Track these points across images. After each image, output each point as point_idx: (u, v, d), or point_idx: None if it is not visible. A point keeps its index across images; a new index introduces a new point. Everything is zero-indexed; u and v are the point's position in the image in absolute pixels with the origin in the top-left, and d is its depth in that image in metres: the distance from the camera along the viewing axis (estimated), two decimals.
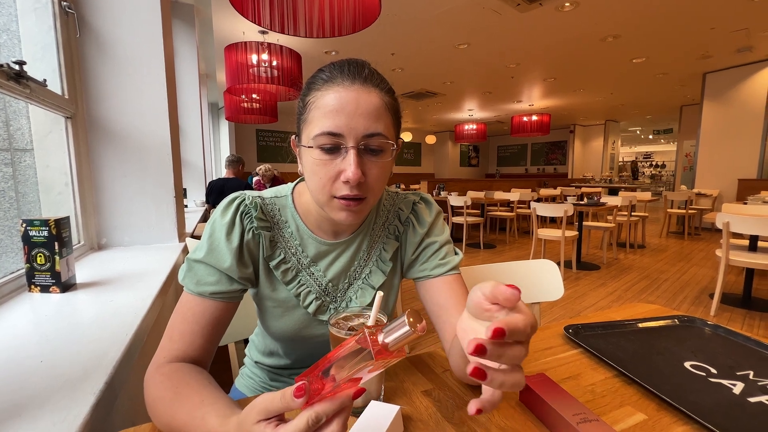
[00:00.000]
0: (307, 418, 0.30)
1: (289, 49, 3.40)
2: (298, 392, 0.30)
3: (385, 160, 0.52)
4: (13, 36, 1.09)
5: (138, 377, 0.77)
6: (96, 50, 1.22)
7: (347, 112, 0.48)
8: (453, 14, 3.95)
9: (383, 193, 0.66)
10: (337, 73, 0.50)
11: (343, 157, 0.49)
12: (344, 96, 0.48)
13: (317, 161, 0.50)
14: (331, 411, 0.31)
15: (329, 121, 0.48)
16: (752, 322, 2.46)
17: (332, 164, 0.50)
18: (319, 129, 0.49)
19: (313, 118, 0.50)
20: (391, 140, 0.51)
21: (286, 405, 0.31)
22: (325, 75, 0.51)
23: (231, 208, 0.56)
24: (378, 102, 0.50)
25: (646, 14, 3.95)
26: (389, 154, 0.52)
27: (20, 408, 0.44)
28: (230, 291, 0.53)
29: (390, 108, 0.52)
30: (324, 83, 0.50)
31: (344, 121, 0.48)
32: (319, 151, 0.49)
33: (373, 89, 0.50)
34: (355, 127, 0.48)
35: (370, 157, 0.50)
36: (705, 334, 0.69)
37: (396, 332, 0.31)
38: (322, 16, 2.05)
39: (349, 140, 0.48)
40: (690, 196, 5.57)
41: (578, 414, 0.42)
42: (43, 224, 0.79)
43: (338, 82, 0.50)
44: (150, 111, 1.30)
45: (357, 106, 0.48)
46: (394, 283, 0.66)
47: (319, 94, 0.50)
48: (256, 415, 0.32)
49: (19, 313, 0.72)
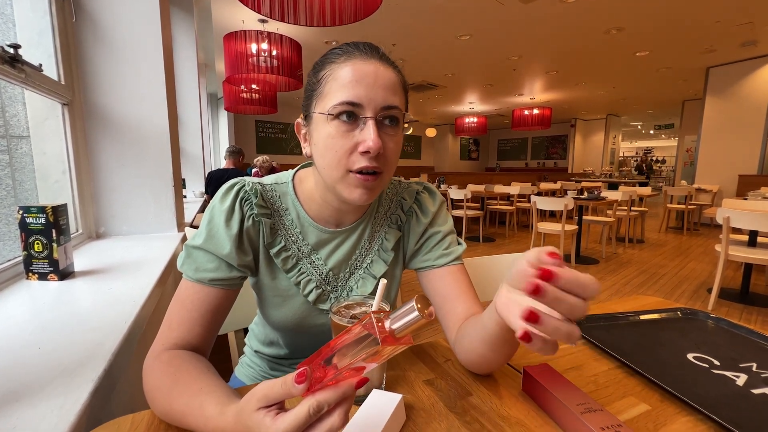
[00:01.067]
0: (308, 407, 0.29)
1: (289, 39, 3.36)
2: (299, 378, 0.29)
3: (399, 134, 0.52)
4: (8, 20, 1.06)
5: (137, 365, 0.77)
6: (92, 36, 1.20)
7: (366, 83, 0.48)
8: (455, 5, 3.89)
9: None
10: (353, 49, 0.51)
11: (361, 128, 0.49)
12: (363, 68, 0.49)
13: (333, 133, 0.49)
14: (334, 400, 0.30)
15: (349, 91, 0.48)
16: (749, 317, 2.48)
17: (350, 136, 0.49)
18: (337, 99, 0.48)
19: (330, 90, 0.49)
20: (405, 114, 0.52)
21: (287, 391, 0.30)
22: (341, 50, 0.51)
23: (230, 194, 0.55)
24: (395, 78, 0.51)
25: (650, 6, 3.91)
26: (401, 127, 0.53)
27: (18, 394, 0.43)
28: (229, 278, 0.53)
29: (403, 86, 0.53)
30: (340, 57, 0.50)
31: (364, 91, 0.48)
32: (336, 122, 0.49)
33: (389, 66, 0.51)
34: (374, 98, 0.48)
35: (388, 130, 0.50)
36: (708, 327, 0.69)
37: (404, 318, 0.31)
38: (322, 4, 2.02)
39: (368, 110, 0.48)
40: (690, 191, 5.56)
41: (582, 404, 0.42)
42: (40, 211, 0.78)
43: (356, 56, 0.50)
44: (148, 99, 1.28)
45: (376, 78, 0.49)
46: (395, 273, 0.65)
47: (335, 66, 0.50)
48: (256, 402, 0.31)
49: (17, 301, 0.71)
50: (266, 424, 0.30)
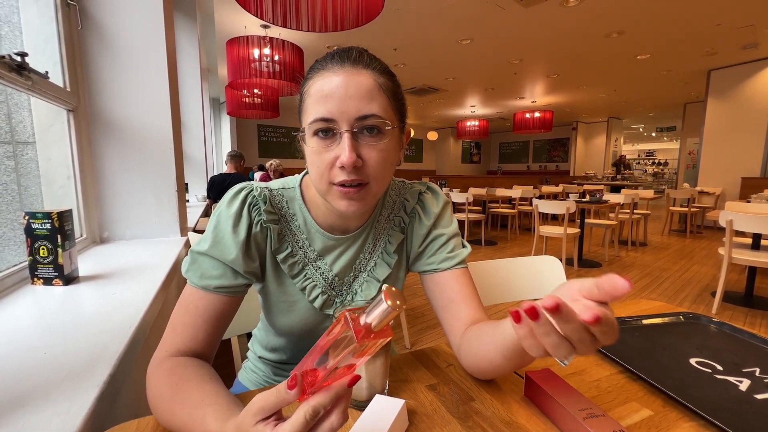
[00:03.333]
0: (304, 414, 0.30)
1: (291, 44, 3.38)
2: (290, 383, 0.30)
3: (384, 142, 0.49)
4: (15, 28, 1.08)
5: (141, 370, 0.77)
6: (98, 43, 1.21)
7: (337, 96, 0.47)
8: (456, 9, 3.91)
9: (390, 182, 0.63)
10: (327, 61, 0.50)
11: (338, 142, 0.48)
12: (333, 80, 0.48)
13: (314, 149, 0.49)
14: (328, 402, 0.30)
15: (321, 107, 0.48)
16: (754, 320, 2.46)
17: (328, 151, 0.49)
18: (312, 116, 0.48)
19: (307, 107, 0.50)
20: (388, 121, 0.49)
21: (282, 399, 0.30)
22: (318, 65, 0.51)
23: (238, 198, 0.54)
24: (369, 82, 0.48)
25: (651, 10, 3.92)
26: (388, 135, 0.50)
27: (24, 399, 0.43)
28: (235, 285, 0.53)
29: (385, 88, 0.50)
30: (316, 72, 0.50)
31: (335, 105, 0.47)
32: (315, 138, 0.49)
33: (363, 70, 0.49)
34: (346, 110, 0.47)
35: (368, 140, 0.49)
36: (710, 331, 0.69)
37: (375, 311, 0.31)
38: (324, 10, 2.03)
39: (342, 124, 0.47)
40: (693, 194, 5.54)
41: (584, 409, 0.42)
42: (45, 217, 0.78)
43: (328, 68, 0.49)
44: (152, 104, 1.29)
45: (347, 89, 0.47)
46: (399, 276, 0.65)
47: (311, 82, 0.50)
48: (252, 417, 0.32)
49: (23, 305, 0.71)
50: None
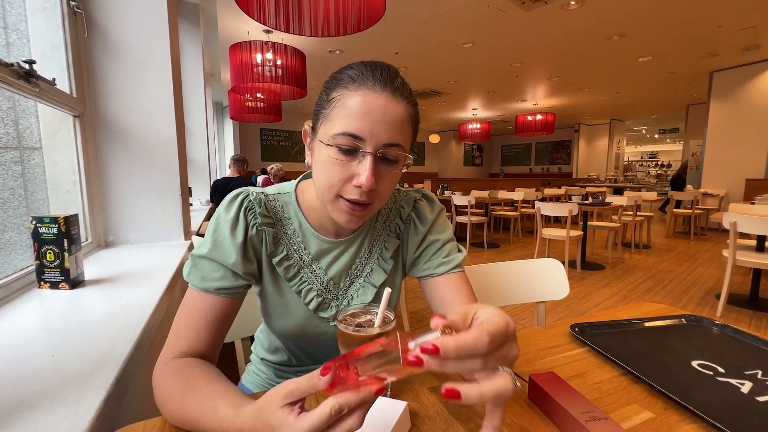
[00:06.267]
0: (330, 407, 0.31)
1: (293, 48, 3.41)
2: (324, 371, 0.31)
3: (397, 171, 0.52)
4: (23, 36, 1.10)
5: (146, 373, 0.78)
6: (104, 49, 1.23)
7: (373, 117, 0.48)
8: (457, 13, 3.93)
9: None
10: (368, 75, 0.49)
11: (359, 161, 0.49)
12: (373, 101, 0.48)
13: (332, 159, 0.49)
14: (354, 403, 0.31)
15: (353, 123, 0.48)
16: (759, 323, 2.44)
17: (347, 166, 0.49)
18: (341, 128, 0.48)
19: (336, 116, 0.49)
20: (406, 153, 0.52)
21: (313, 384, 0.32)
22: (355, 73, 0.50)
23: (235, 203, 0.56)
24: (403, 114, 0.50)
25: (652, 12, 3.92)
26: (401, 165, 0.52)
27: (32, 401, 0.44)
28: (235, 286, 0.54)
29: (412, 120, 0.52)
30: (353, 82, 0.49)
31: (368, 126, 0.48)
32: (336, 149, 0.49)
33: (402, 101, 0.50)
34: (377, 133, 0.48)
35: (385, 166, 0.51)
36: (712, 334, 0.69)
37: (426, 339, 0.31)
38: (327, 14, 2.05)
39: (369, 146, 0.48)
40: (696, 195, 5.52)
41: (587, 412, 0.42)
42: (52, 221, 0.79)
43: (369, 85, 0.49)
44: (156, 110, 1.31)
45: (384, 114, 0.48)
46: (395, 281, 0.66)
47: (347, 92, 0.49)
48: (281, 399, 0.33)
49: (30, 309, 0.72)
50: (290, 422, 0.31)
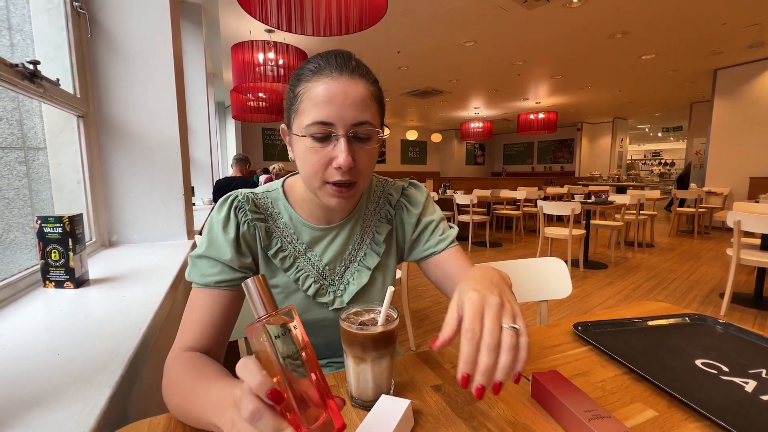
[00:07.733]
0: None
1: (295, 48, 3.41)
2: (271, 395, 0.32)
3: (373, 146, 0.56)
4: (27, 36, 1.10)
5: (151, 371, 0.78)
6: (107, 50, 1.24)
7: (337, 102, 0.51)
8: (459, 11, 3.92)
9: (373, 179, 0.70)
10: (324, 64, 0.53)
11: (334, 144, 0.53)
12: (333, 87, 0.51)
13: (309, 149, 0.53)
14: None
15: (320, 111, 0.51)
16: (764, 322, 2.43)
17: (323, 151, 0.53)
18: (310, 119, 0.52)
19: (304, 109, 0.53)
20: (377, 128, 0.55)
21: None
22: (313, 66, 0.54)
23: (225, 205, 0.60)
24: (364, 92, 0.53)
25: (655, 10, 3.90)
26: (376, 140, 0.56)
27: (39, 399, 0.45)
28: (233, 279, 0.56)
29: (375, 97, 0.55)
30: (313, 75, 0.53)
31: (334, 111, 0.51)
32: (310, 139, 0.52)
33: (360, 80, 0.53)
34: (344, 116, 0.51)
35: (359, 144, 0.54)
36: (716, 333, 0.69)
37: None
38: (329, 14, 2.05)
39: (339, 129, 0.52)
40: (700, 194, 5.49)
41: (590, 411, 0.42)
42: (57, 221, 0.80)
43: (326, 73, 0.52)
44: (159, 110, 1.31)
45: (346, 97, 0.51)
46: (389, 264, 0.70)
47: (309, 85, 0.53)
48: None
49: (35, 308, 0.73)
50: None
